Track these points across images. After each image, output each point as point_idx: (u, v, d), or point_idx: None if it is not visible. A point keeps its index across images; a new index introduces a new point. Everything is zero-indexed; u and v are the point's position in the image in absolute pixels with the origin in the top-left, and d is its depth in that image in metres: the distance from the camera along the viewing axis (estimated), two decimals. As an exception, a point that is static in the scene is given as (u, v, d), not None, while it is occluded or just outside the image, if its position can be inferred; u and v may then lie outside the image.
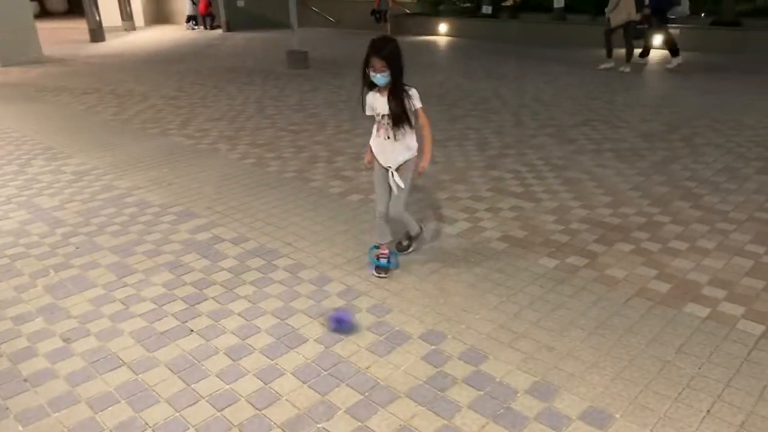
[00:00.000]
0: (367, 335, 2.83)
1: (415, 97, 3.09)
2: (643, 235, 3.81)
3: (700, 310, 2.97)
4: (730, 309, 2.97)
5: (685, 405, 2.33)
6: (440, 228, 4.01)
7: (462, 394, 2.42)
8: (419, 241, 3.68)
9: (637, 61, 10.42)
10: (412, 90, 3.09)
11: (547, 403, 2.36)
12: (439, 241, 3.82)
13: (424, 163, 3.23)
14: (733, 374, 2.50)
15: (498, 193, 4.62)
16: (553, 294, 3.16)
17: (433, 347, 2.73)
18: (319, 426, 2.26)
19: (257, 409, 2.36)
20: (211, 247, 3.78)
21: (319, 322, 2.93)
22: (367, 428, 2.25)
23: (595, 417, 2.28)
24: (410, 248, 3.64)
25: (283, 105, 8.04)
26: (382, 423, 2.28)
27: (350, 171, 5.22)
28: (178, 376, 2.56)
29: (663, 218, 4.06)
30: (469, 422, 2.27)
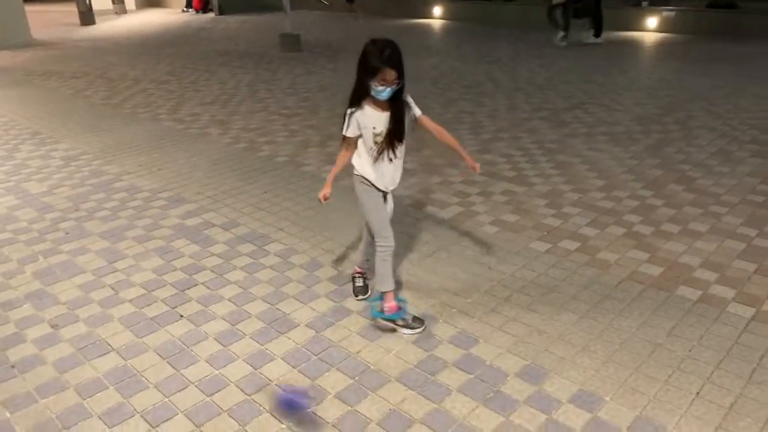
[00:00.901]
0: (358, 320, 2.82)
1: (413, 105, 2.66)
2: (636, 219, 3.80)
3: (692, 293, 2.97)
4: (722, 292, 2.97)
5: (675, 387, 2.33)
6: (434, 212, 3.99)
7: (452, 378, 2.42)
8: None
9: (593, 41, 10.97)
10: (409, 97, 2.64)
11: (537, 386, 2.36)
12: (433, 225, 3.80)
13: (474, 163, 2.89)
14: (722, 357, 2.50)
15: (491, 177, 4.60)
16: (545, 278, 3.15)
17: (423, 330, 2.72)
18: (308, 411, 2.26)
19: (246, 394, 2.35)
20: (202, 232, 3.75)
21: (310, 307, 2.92)
22: (357, 412, 2.25)
23: (585, 400, 2.28)
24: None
25: (276, 89, 7.96)
26: (372, 407, 2.27)
27: (342, 155, 5.18)
28: (167, 362, 2.54)
29: (656, 201, 4.05)
30: (459, 405, 2.27)
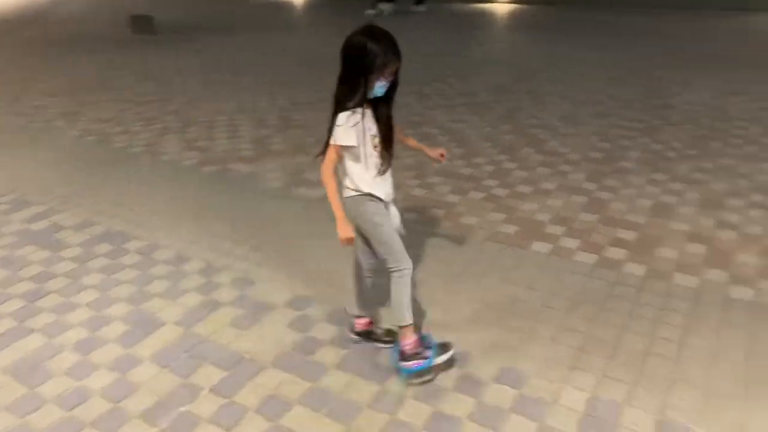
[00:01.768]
0: (229, 310, 2.75)
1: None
2: (494, 183, 4.04)
3: (545, 247, 3.22)
4: (569, 243, 3.24)
5: (534, 336, 2.52)
6: (305, 194, 3.97)
7: (329, 356, 2.45)
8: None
9: (416, 9, 11.90)
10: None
11: (411, 352, 2.45)
12: (305, 209, 3.78)
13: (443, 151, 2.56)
14: (572, 303, 2.74)
15: (358, 153, 4.64)
16: (411, 248, 3.25)
17: (300, 313, 2.72)
18: (182, 410, 2.18)
19: (113, 402, 2.22)
20: (51, 236, 3.45)
21: (178, 304, 2.80)
22: (235, 403, 2.21)
23: (455, 359, 2.40)
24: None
25: (128, 74, 7.44)
26: (249, 395, 2.24)
27: (204, 141, 4.98)
28: (19, 381, 2.33)
29: (511, 165, 4.32)
30: (335, 381, 2.30)
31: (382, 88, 2.11)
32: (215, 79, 7.14)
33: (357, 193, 2.22)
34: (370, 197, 2.22)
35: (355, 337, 2.52)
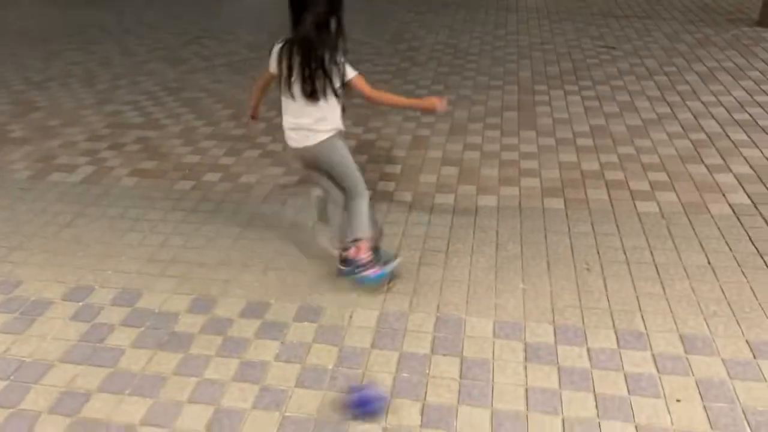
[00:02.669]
0: (-5, 317, 2.47)
1: None
2: (267, 139, 4.10)
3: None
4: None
5: (324, 272, 2.70)
6: (63, 179, 3.61)
7: (122, 338, 2.35)
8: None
9: None
10: None
11: (209, 314, 2.47)
12: (66, 194, 3.45)
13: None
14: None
15: (118, 128, 4.33)
16: (195, 214, 3.21)
17: (81, 303, 2.55)
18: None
19: None
20: None
21: (-75, 325, 2.42)
22: (23, 411, 2.03)
23: (254, 309, 2.48)
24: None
25: None
26: (39, 398, 2.08)
27: None
28: None
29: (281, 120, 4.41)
30: (135, 359, 2.24)
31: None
32: None
33: (334, 131, 2.41)
34: (340, 133, 2.45)
35: (345, 268, 2.60)
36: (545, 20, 7.06)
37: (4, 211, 3.27)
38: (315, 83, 2.32)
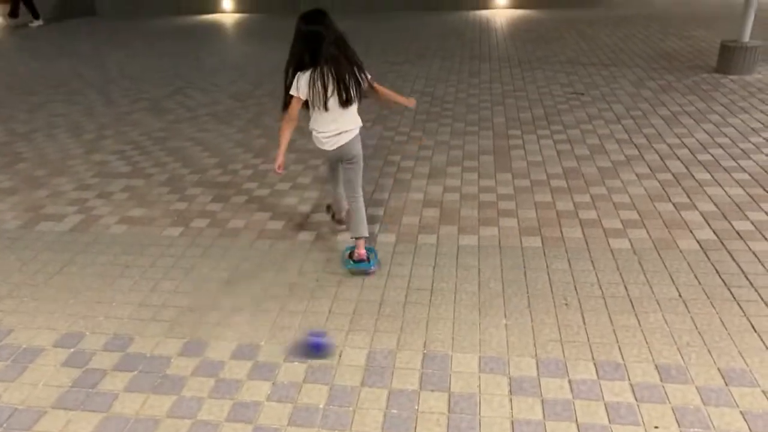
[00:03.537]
0: (-13, 366, 2.48)
1: None
2: (253, 185, 4.21)
3: (310, 235, 3.51)
4: (327, 230, 3.59)
5: (313, 312, 2.79)
6: (52, 228, 3.66)
7: (115, 382, 2.39)
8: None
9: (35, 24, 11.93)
10: None
11: (201, 357, 2.52)
12: (55, 243, 3.50)
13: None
14: (341, 278, 3.07)
15: (105, 177, 4.41)
16: (184, 259, 3.28)
17: (72, 350, 2.58)
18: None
19: None
20: None
21: None
22: (16, 458, 2.05)
23: (245, 351, 2.54)
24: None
25: None
26: (32, 446, 2.10)
27: None
28: None
29: (266, 167, 4.54)
30: (129, 403, 2.27)
31: None
32: None
33: (360, 126, 3.00)
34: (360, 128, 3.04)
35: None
36: (517, 69, 7.39)
37: (-8, 261, 3.30)
38: (350, 92, 2.79)
